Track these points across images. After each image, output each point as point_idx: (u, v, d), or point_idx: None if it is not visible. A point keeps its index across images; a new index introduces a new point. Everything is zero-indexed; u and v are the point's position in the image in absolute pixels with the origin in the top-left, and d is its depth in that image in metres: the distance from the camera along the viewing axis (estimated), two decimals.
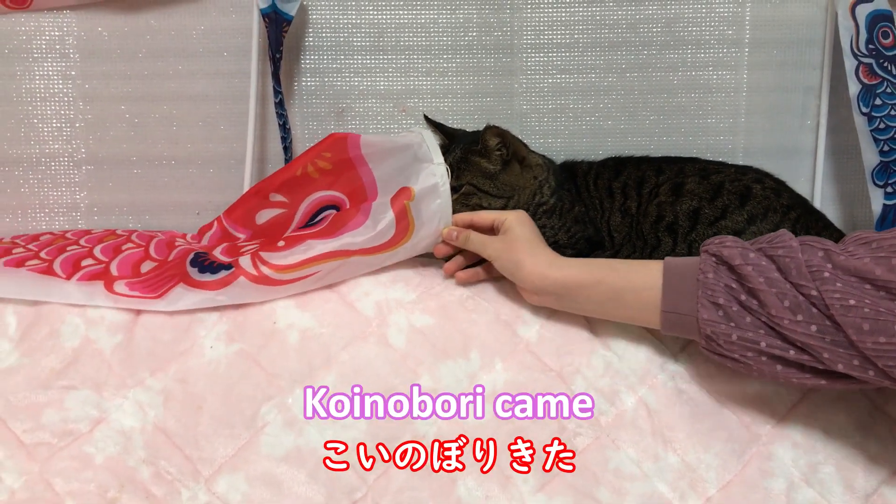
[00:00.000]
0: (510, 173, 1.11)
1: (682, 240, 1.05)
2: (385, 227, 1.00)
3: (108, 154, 1.27)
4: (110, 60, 1.24)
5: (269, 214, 1.09)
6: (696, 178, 1.08)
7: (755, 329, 0.78)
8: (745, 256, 0.80)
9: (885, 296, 0.72)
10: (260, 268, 0.96)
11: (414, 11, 1.24)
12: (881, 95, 1.12)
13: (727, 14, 1.23)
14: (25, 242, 1.08)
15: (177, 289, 0.96)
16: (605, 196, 1.13)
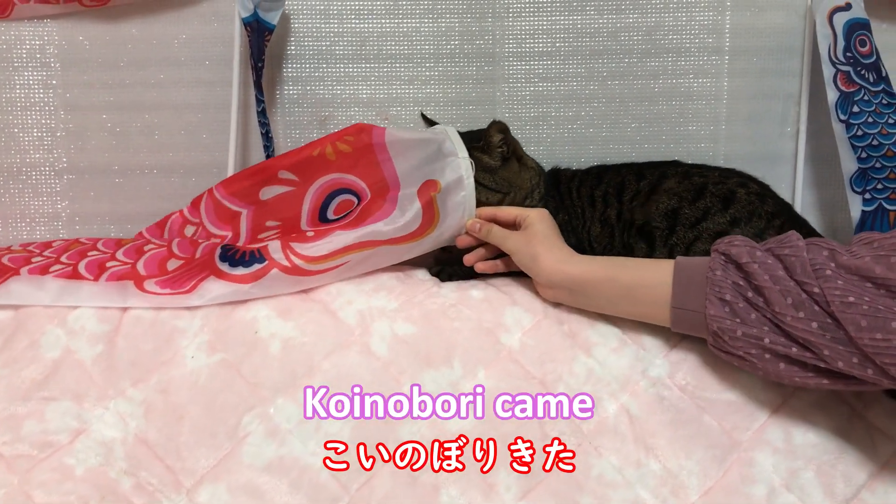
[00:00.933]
0: (509, 170, 1.12)
1: (660, 244, 1.04)
2: (412, 218, 1.02)
3: (90, 163, 1.26)
4: (91, 69, 1.24)
5: (275, 191, 1.09)
6: (678, 178, 1.08)
7: (759, 325, 0.80)
8: (753, 255, 0.82)
9: (884, 293, 0.73)
10: (292, 259, 0.98)
11: (396, 20, 1.24)
12: (859, 103, 1.13)
13: (707, 22, 1.24)
14: (40, 250, 1.08)
15: (207, 282, 0.97)
16: (586, 204, 1.13)
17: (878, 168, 1.13)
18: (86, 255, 1.03)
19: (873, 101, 1.13)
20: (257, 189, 1.09)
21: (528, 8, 1.23)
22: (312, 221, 1.09)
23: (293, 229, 1.08)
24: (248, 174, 1.10)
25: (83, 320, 0.95)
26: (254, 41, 1.15)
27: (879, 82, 1.14)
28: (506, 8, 1.23)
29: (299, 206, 1.08)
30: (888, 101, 1.13)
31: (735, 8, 1.23)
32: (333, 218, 1.08)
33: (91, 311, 0.96)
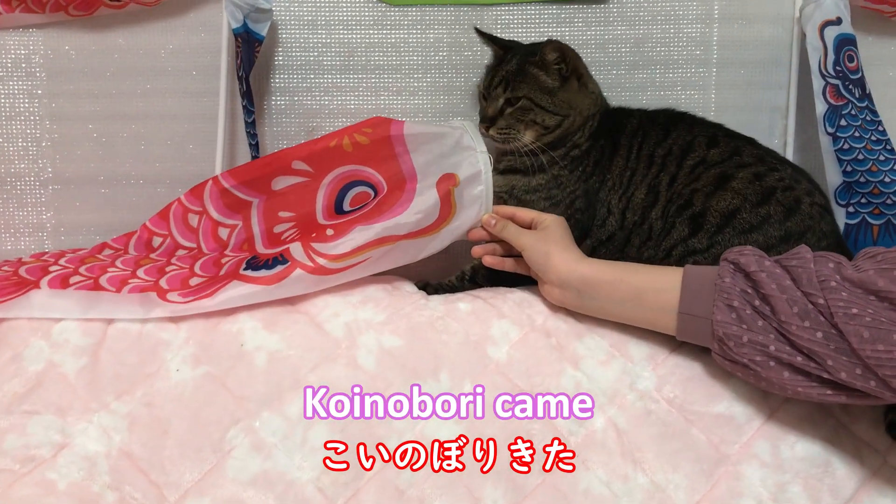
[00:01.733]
0: (569, 90, 1.09)
1: (704, 236, 1.00)
2: (430, 210, 1.03)
3: (75, 173, 1.25)
4: (77, 79, 1.23)
5: (288, 181, 1.08)
6: (749, 175, 1.02)
7: (765, 333, 0.81)
8: (761, 264, 0.83)
9: (887, 306, 0.74)
10: (315, 259, 0.98)
11: (384, 31, 1.24)
12: (846, 117, 1.13)
13: (695, 35, 1.24)
14: (55, 258, 1.08)
15: (229, 286, 0.97)
16: (642, 165, 1.08)
17: (862, 182, 1.14)
18: (106, 271, 1.02)
19: (859, 116, 1.13)
20: (269, 179, 1.08)
21: (516, 20, 1.24)
22: (329, 214, 1.08)
23: (310, 223, 1.07)
24: (260, 164, 1.09)
25: (67, 333, 0.94)
26: (244, 52, 1.15)
27: (864, 98, 1.14)
28: (494, 20, 1.24)
29: (313, 199, 1.08)
30: (871, 117, 1.14)
31: (722, 21, 1.24)
32: (350, 209, 1.08)
33: (75, 324, 0.95)
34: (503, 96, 1.07)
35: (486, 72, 1.13)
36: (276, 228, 1.08)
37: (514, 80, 1.07)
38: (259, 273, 0.98)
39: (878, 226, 1.16)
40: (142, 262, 1.06)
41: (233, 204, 1.09)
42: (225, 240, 1.10)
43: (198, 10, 1.22)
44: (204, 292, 0.97)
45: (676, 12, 1.23)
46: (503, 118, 1.07)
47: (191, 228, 1.11)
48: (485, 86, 1.11)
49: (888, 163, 1.13)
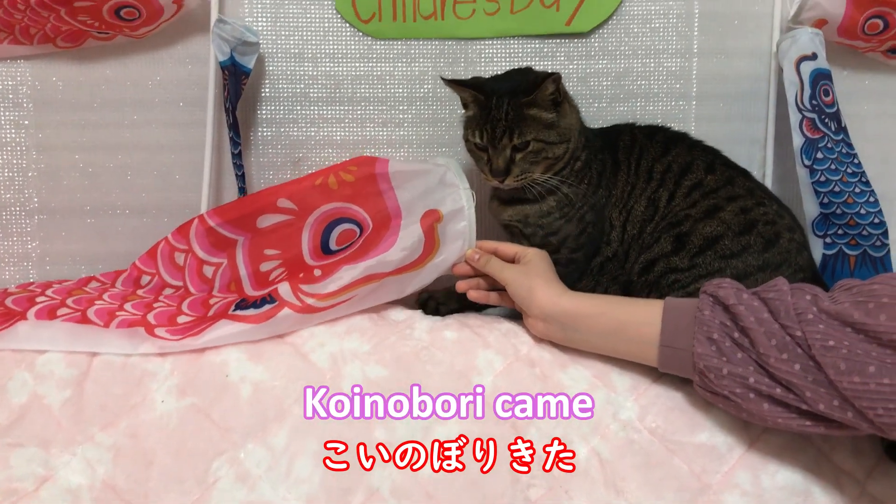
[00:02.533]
0: (563, 114, 1.08)
1: (685, 254, 1.03)
2: (414, 246, 1.05)
3: (61, 204, 1.26)
4: (64, 110, 1.24)
5: (273, 219, 1.09)
6: (737, 208, 1.04)
7: (745, 365, 0.82)
8: (739, 297, 0.84)
9: (862, 338, 0.75)
10: (304, 299, 0.99)
11: (370, 64, 1.26)
12: (822, 149, 1.16)
13: (675, 68, 1.27)
14: (41, 289, 1.08)
15: (217, 325, 0.97)
16: (641, 179, 1.09)
17: (838, 214, 1.16)
18: (93, 304, 1.03)
19: (835, 149, 1.16)
20: (254, 217, 1.09)
21: (499, 53, 1.26)
22: (316, 254, 1.09)
23: (297, 263, 1.08)
24: (246, 202, 1.11)
25: (52, 365, 0.94)
26: (231, 84, 1.16)
27: (840, 132, 1.17)
28: (478, 53, 1.26)
29: (299, 238, 1.09)
30: (847, 150, 1.17)
31: (701, 55, 1.26)
32: (336, 248, 1.09)
33: (60, 356, 0.95)
34: (510, 145, 1.05)
35: (471, 122, 1.09)
36: (262, 267, 1.09)
37: (517, 127, 1.04)
38: (247, 312, 0.98)
39: (854, 256, 1.17)
40: (129, 298, 1.07)
41: (218, 242, 1.10)
42: (210, 278, 1.10)
43: (185, 42, 1.24)
44: (191, 331, 0.97)
45: (657, 46, 1.26)
46: (516, 165, 1.05)
47: (177, 267, 1.12)
48: (487, 140, 1.06)
49: (863, 195, 1.16)
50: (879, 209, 1.17)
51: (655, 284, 1.04)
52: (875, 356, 0.74)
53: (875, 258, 1.17)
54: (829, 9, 1.17)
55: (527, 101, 1.04)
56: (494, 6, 1.23)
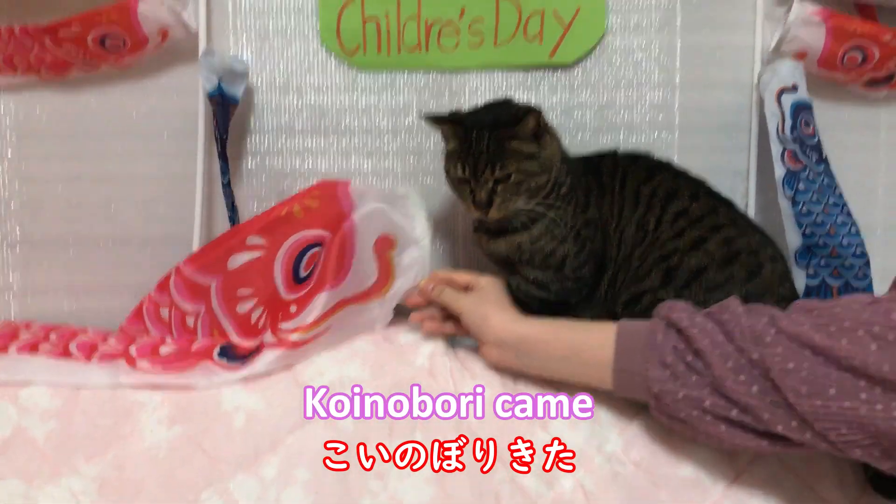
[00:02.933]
0: (544, 145, 1.08)
1: (671, 288, 1.03)
2: (369, 270, 1.06)
3: (44, 235, 1.25)
4: (48, 141, 1.24)
5: (243, 258, 1.09)
6: (720, 239, 1.04)
7: (700, 388, 0.82)
8: (693, 320, 0.85)
9: (822, 361, 0.75)
10: (284, 338, 0.99)
11: (355, 95, 1.26)
12: (804, 181, 1.16)
13: (657, 100, 1.28)
14: (25, 326, 1.08)
15: (200, 366, 0.97)
16: (628, 202, 1.09)
17: (821, 245, 1.17)
18: (75, 336, 1.03)
19: (817, 180, 1.17)
20: (225, 258, 1.09)
21: (483, 85, 1.26)
22: (289, 285, 1.08)
23: (272, 299, 1.08)
24: (214, 245, 1.11)
25: (36, 397, 0.94)
26: (219, 115, 1.16)
27: (821, 163, 1.18)
28: (462, 84, 1.26)
29: (270, 272, 1.08)
30: (829, 181, 1.17)
31: (684, 87, 1.27)
32: (305, 275, 1.08)
33: (44, 388, 0.95)
34: (492, 178, 1.04)
35: (452, 156, 1.08)
36: (239, 309, 1.08)
37: (498, 159, 1.04)
38: (233, 363, 0.98)
39: (837, 287, 1.18)
40: (108, 337, 1.07)
41: (194, 290, 1.10)
42: (192, 328, 1.10)
43: (170, 73, 1.24)
44: (173, 364, 0.97)
45: (639, 79, 1.27)
46: (498, 196, 1.05)
47: (164, 322, 1.12)
48: (469, 173, 1.05)
49: (846, 225, 1.16)
50: (861, 240, 1.17)
51: (643, 316, 1.04)
52: (835, 379, 0.74)
53: (858, 289, 1.18)
54: (809, 41, 1.18)
55: (508, 135, 1.04)
56: (478, 38, 1.24)
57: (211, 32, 1.22)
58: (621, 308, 1.07)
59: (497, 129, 1.05)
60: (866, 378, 0.73)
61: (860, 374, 0.73)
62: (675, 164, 1.15)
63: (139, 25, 1.15)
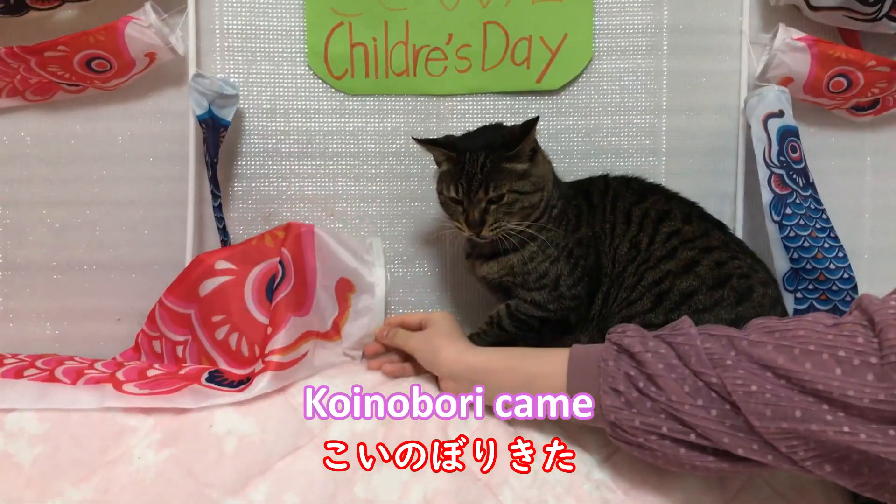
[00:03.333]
0: (537, 164, 1.08)
1: (661, 310, 1.03)
2: (330, 309, 1.09)
3: (27, 259, 1.24)
4: (33, 165, 1.23)
5: (213, 284, 1.08)
6: (712, 262, 1.05)
7: (655, 414, 0.80)
8: (645, 344, 0.82)
9: (784, 384, 0.74)
10: (269, 361, 0.98)
11: (342, 119, 1.26)
12: (791, 205, 1.17)
13: (644, 125, 1.28)
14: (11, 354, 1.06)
15: (189, 389, 0.96)
16: (620, 221, 1.10)
17: (808, 269, 1.17)
18: (63, 363, 1.02)
19: (803, 204, 1.17)
20: (196, 286, 1.09)
21: (471, 110, 1.27)
22: (261, 304, 1.08)
23: (246, 322, 1.07)
24: (185, 273, 1.11)
25: (22, 422, 0.92)
26: (209, 138, 1.16)
27: (808, 188, 1.18)
28: (450, 109, 1.27)
29: (241, 294, 1.08)
30: (815, 206, 1.18)
31: (671, 112, 1.28)
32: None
33: (31, 413, 0.93)
34: (485, 198, 1.05)
35: (445, 177, 1.09)
36: (217, 334, 1.07)
37: (492, 180, 1.05)
38: (223, 388, 0.97)
39: (825, 312, 1.18)
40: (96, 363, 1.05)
41: (177, 320, 1.10)
42: (181, 356, 1.10)
43: (156, 96, 1.24)
44: (162, 388, 0.95)
45: (626, 103, 1.27)
46: (490, 216, 1.05)
47: (157, 354, 1.12)
48: (462, 193, 1.06)
49: (833, 250, 1.17)
50: (849, 264, 1.18)
51: None
52: (797, 401, 0.72)
53: (845, 313, 1.18)
54: (795, 67, 1.19)
55: (504, 155, 1.05)
56: (466, 63, 1.24)
57: (200, 56, 1.22)
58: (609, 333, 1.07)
59: (496, 151, 1.06)
60: (830, 402, 0.72)
61: (824, 399, 0.72)
62: (667, 188, 1.16)
63: (126, 48, 1.14)
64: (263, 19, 1.24)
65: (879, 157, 1.31)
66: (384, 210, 1.28)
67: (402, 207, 1.28)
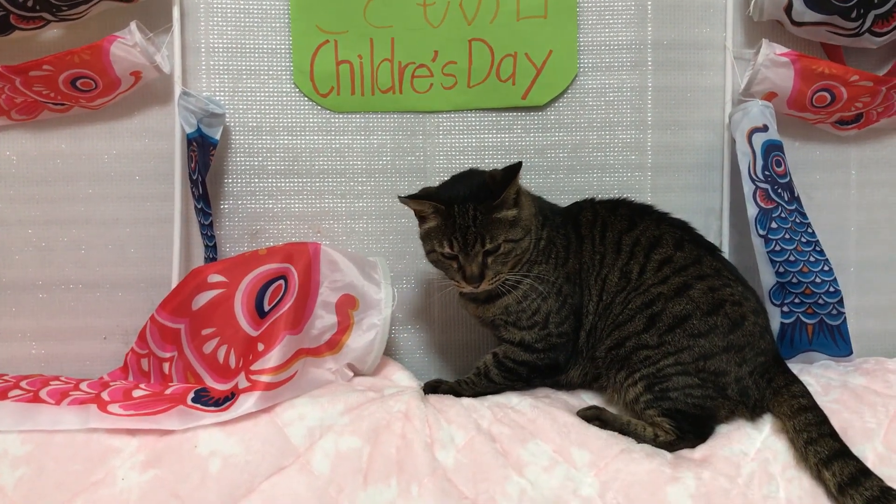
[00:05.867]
0: (521, 207, 1.08)
1: (655, 331, 1.04)
2: (328, 325, 1.09)
3: (12, 278, 1.24)
4: (18, 184, 1.23)
5: (206, 297, 1.09)
6: (705, 287, 1.05)
7: None
8: None
9: None
10: (256, 380, 0.98)
11: (328, 136, 1.26)
12: (776, 219, 1.17)
13: (630, 140, 1.28)
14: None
15: (176, 410, 0.96)
16: (610, 250, 1.10)
17: (794, 283, 1.17)
18: (48, 384, 1.01)
19: (788, 218, 1.17)
20: (190, 300, 1.09)
21: (457, 126, 1.27)
22: (252, 319, 1.07)
23: (236, 336, 1.07)
24: (180, 287, 1.10)
25: (5, 444, 0.92)
26: (199, 156, 1.16)
27: (793, 202, 1.19)
28: (436, 126, 1.27)
29: (231, 308, 1.08)
30: (801, 220, 1.18)
31: (656, 127, 1.29)
32: (269, 308, 1.07)
33: (14, 435, 0.93)
34: (482, 251, 1.04)
35: (436, 233, 1.06)
36: (205, 348, 1.07)
37: (487, 231, 1.04)
38: (209, 408, 0.97)
39: (811, 325, 1.18)
40: (83, 381, 1.05)
41: (166, 335, 1.10)
42: (167, 374, 1.09)
43: (143, 115, 1.24)
44: (147, 409, 0.95)
45: (611, 119, 1.28)
46: (489, 269, 1.05)
47: (144, 373, 1.12)
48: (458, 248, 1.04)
49: (818, 263, 1.17)
50: (834, 278, 1.18)
51: (626, 360, 1.05)
52: None
53: (832, 326, 1.18)
54: (778, 82, 1.20)
55: (496, 204, 1.04)
56: (452, 80, 1.25)
57: (185, 74, 1.22)
58: (604, 353, 1.07)
59: (482, 201, 1.04)
60: None
61: None
62: (657, 209, 1.15)
63: (111, 67, 1.14)
64: (249, 37, 1.24)
65: (864, 170, 1.32)
66: (371, 227, 1.28)
67: (388, 224, 1.28)
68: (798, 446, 0.95)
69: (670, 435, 1.00)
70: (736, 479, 0.93)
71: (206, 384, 1.05)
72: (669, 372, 1.01)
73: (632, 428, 1.01)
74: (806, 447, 0.94)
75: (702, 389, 1.01)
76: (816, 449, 0.93)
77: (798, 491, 0.92)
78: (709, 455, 0.97)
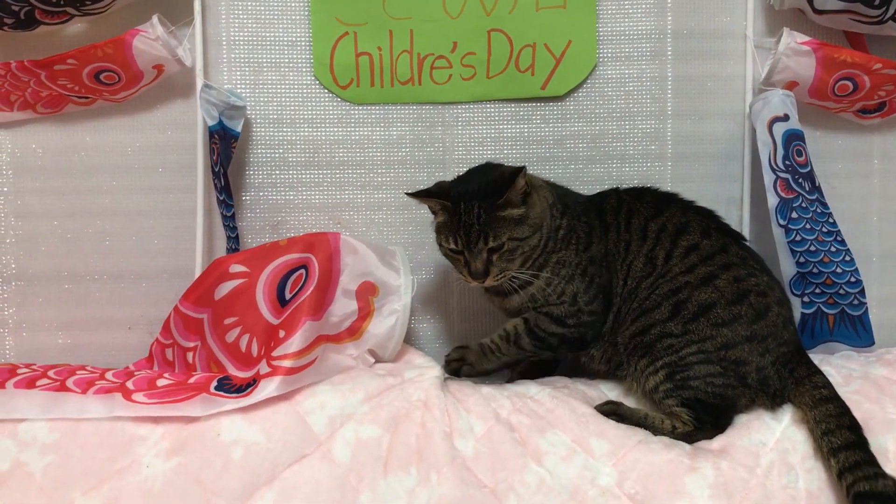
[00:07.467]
0: (532, 204, 1.08)
1: (680, 319, 1.04)
2: (348, 312, 1.09)
3: (39, 270, 1.26)
4: (44, 177, 1.25)
5: (228, 287, 1.10)
6: (731, 277, 1.05)
7: None
8: None
9: None
10: (278, 365, 0.99)
11: (349, 128, 1.27)
12: (797, 209, 1.17)
13: (650, 130, 1.28)
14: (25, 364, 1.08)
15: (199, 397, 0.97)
16: (636, 237, 1.10)
17: (815, 273, 1.17)
18: (74, 373, 1.03)
19: (809, 208, 1.17)
20: (212, 290, 1.10)
21: (476, 117, 1.27)
22: (274, 307, 1.09)
23: (258, 325, 1.08)
24: (202, 278, 1.12)
25: (34, 431, 0.93)
26: (221, 148, 1.17)
27: (814, 191, 1.18)
28: (455, 117, 1.27)
29: (253, 298, 1.09)
30: (822, 209, 1.18)
31: (676, 117, 1.28)
32: (290, 296, 1.09)
33: (42, 422, 0.94)
34: (486, 249, 1.05)
35: (443, 228, 1.08)
36: (228, 337, 1.08)
37: (490, 229, 1.04)
38: (231, 395, 0.98)
39: (833, 315, 1.18)
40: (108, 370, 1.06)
41: (189, 325, 1.11)
42: (191, 363, 1.11)
43: (165, 108, 1.25)
44: (171, 397, 0.97)
45: (631, 109, 1.27)
46: (494, 266, 1.06)
47: (168, 363, 1.14)
48: (462, 245, 1.06)
49: (839, 254, 1.16)
50: (856, 268, 1.17)
51: (650, 347, 1.05)
52: None
53: (853, 317, 1.18)
54: (799, 71, 1.19)
55: (497, 203, 1.04)
56: (471, 71, 1.25)
57: (207, 67, 1.23)
58: (628, 339, 1.07)
59: (487, 199, 1.04)
60: None
61: None
62: (683, 197, 1.15)
63: (134, 60, 1.16)
64: (269, 30, 1.25)
65: (887, 160, 1.30)
66: (390, 218, 1.29)
67: (408, 215, 1.29)
68: (816, 436, 0.95)
69: (688, 426, 1.00)
70: (755, 470, 0.93)
71: (228, 373, 1.07)
72: (692, 360, 1.01)
73: (649, 422, 1.01)
74: (822, 437, 0.94)
75: (723, 378, 1.00)
76: (831, 439, 0.93)
77: (817, 482, 0.92)
78: (727, 445, 0.97)
